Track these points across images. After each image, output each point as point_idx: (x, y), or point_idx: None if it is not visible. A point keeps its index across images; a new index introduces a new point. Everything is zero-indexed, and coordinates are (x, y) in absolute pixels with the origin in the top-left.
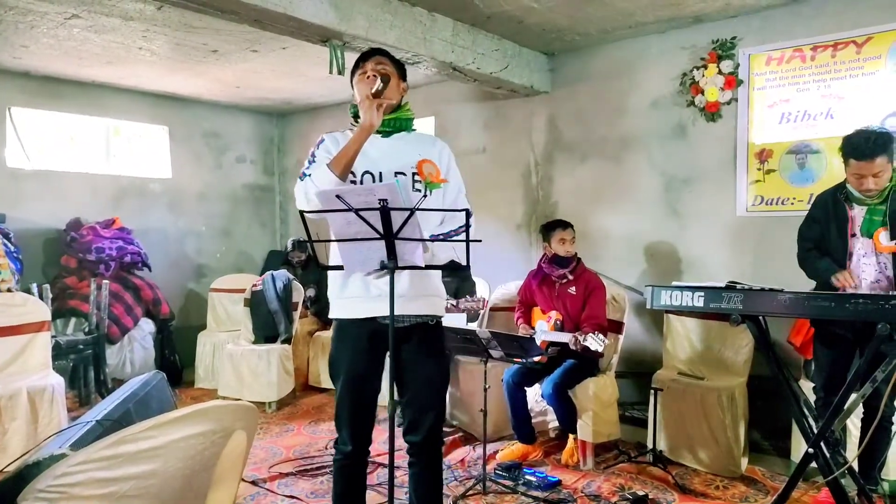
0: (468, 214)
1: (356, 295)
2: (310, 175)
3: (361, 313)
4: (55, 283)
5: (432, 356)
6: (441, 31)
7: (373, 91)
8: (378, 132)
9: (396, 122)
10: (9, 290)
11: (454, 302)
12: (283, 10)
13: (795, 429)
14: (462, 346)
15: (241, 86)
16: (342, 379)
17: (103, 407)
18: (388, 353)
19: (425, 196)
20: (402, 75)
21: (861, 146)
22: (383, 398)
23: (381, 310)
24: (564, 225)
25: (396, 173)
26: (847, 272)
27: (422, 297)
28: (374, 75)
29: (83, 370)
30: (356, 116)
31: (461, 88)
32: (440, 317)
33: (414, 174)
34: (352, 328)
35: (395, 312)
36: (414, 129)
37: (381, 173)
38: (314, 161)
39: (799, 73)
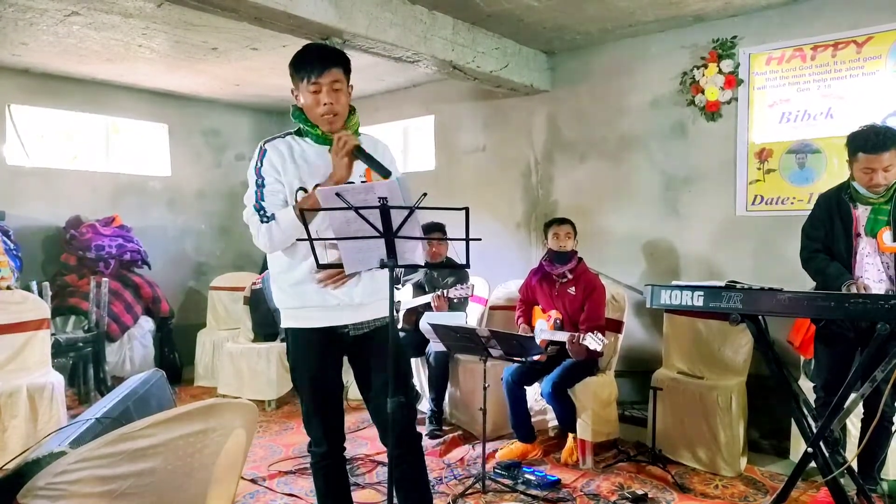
0: (467, 211)
1: (314, 305)
2: (272, 218)
3: (319, 323)
4: (55, 280)
5: (390, 358)
6: (441, 29)
7: (355, 147)
8: (327, 144)
9: None
10: (8, 288)
11: (444, 292)
12: (283, 7)
13: (794, 428)
14: (461, 345)
15: (241, 84)
16: (307, 385)
17: (103, 405)
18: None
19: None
20: (349, 78)
21: (871, 139)
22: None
23: (339, 319)
24: (560, 221)
25: (347, 183)
26: (859, 283)
27: (376, 302)
28: (334, 114)
29: (83, 368)
30: (305, 122)
31: (461, 87)
32: (390, 317)
33: (363, 182)
34: (309, 336)
35: (354, 320)
36: (360, 135)
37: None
38: (264, 185)
39: (799, 73)
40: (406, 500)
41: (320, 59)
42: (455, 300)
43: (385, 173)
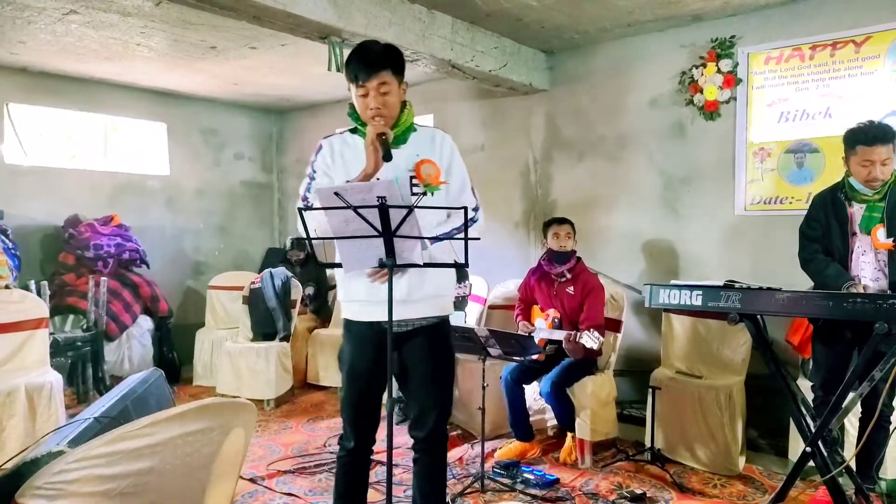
0: (467, 210)
1: (360, 299)
2: (310, 208)
3: (365, 317)
4: (53, 279)
5: (437, 354)
6: (440, 28)
7: (377, 136)
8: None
9: (396, 139)
10: (7, 287)
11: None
12: (282, 6)
13: (793, 427)
14: (461, 344)
15: (240, 83)
16: (346, 375)
17: (101, 404)
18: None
19: (426, 195)
20: (402, 76)
21: (871, 132)
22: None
23: (383, 314)
24: (560, 220)
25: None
26: (859, 286)
27: (424, 299)
28: (381, 116)
29: (81, 367)
30: (357, 121)
31: (460, 86)
32: (446, 316)
33: (412, 178)
34: (357, 328)
35: (398, 317)
36: (416, 128)
37: (377, 180)
38: (314, 178)
39: (798, 73)
40: (421, 494)
41: (368, 62)
42: (455, 299)
43: (387, 157)
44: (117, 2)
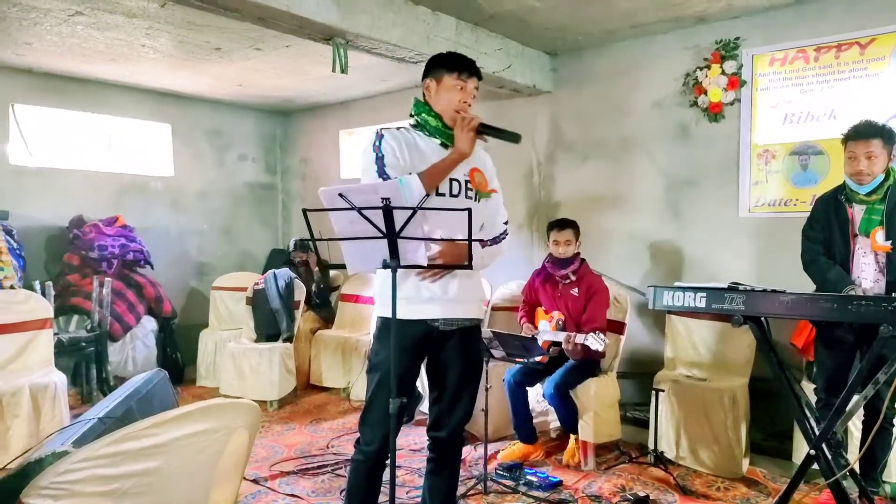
0: (470, 212)
1: (408, 297)
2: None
3: (413, 315)
4: (58, 280)
5: (473, 355)
6: (444, 30)
7: (480, 124)
8: (441, 138)
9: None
10: (11, 287)
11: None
12: (287, 8)
13: (797, 430)
14: None
15: (244, 84)
16: (380, 378)
17: (105, 404)
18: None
19: (476, 201)
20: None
21: (859, 127)
22: None
23: (431, 312)
24: (562, 226)
25: (452, 180)
26: (859, 290)
27: (469, 301)
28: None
29: (85, 368)
30: (428, 113)
31: None
32: (480, 319)
33: (467, 182)
34: (400, 327)
35: (445, 315)
36: None
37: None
38: (384, 159)
39: (802, 74)
40: (432, 493)
41: (471, 66)
42: None
43: (514, 139)
44: (123, 3)
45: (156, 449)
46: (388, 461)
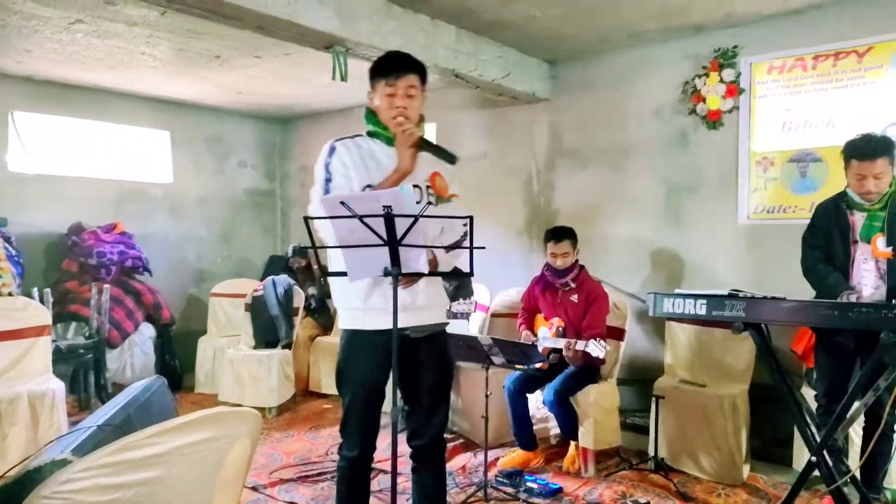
0: (471, 220)
1: (377, 307)
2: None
3: (381, 325)
4: (56, 287)
5: (440, 362)
6: (444, 38)
7: (420, 139)
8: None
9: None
10: (10, 294)
11: (447, 306)
12: (287, 16)
13: (797, 436)
14: (464, 353)
15: (244, 91)
16: (354, 389)
17: (104, 412)
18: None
19: (435, 206)
20: (425, 86)
21: (862, 147)
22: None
23: (402, 321)
24: (558, 237)
25: (414, 185)
26: (855, 294)
27: (435, 307)
28: (406, 118)
29: (83, 375)
30: (376, 124)
31: (463, 95)
32: (446, 324)
33: (428, 187)
34: (368, 338)
35: (415, 323)
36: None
37: (400, 185)
38: (331, 180)
39: (800, 82)
40: (422, 501)
41: (399, 64)
42: (458, 315)
43: (451, 159)
44: (123, 11)
45: (157, 458)
46: (373, 467)
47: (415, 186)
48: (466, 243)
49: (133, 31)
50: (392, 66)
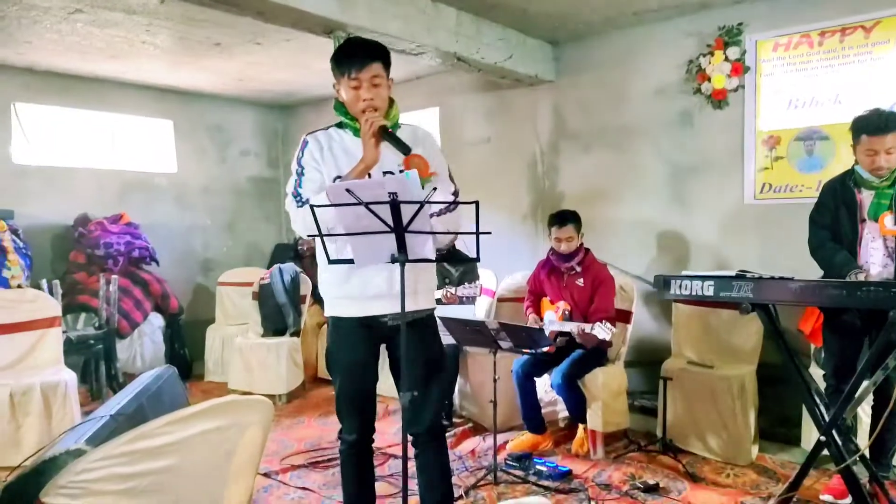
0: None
1: (355, 294)
2: (308, 201)
3: (359, 312)
4: (64, 278)
5: (427, 348)
6: (445, 20)
7: (380, 129)
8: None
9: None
10: (19, 287)
11: (453, 290)
12: (286, 1)
13: (805, 416)
14: (471, 338)
15: (245, 78)
16: (341, 372)
17: (116, 401)
18: (384, 346)
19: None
20: (389, 71)
21: (874, 121)
22: (384, 390)
23: (378, 308)
24: (562, 221)
25: (385, 173)
26: (863, 273)
27: (420, 292)
28: (374, 108)
29: (94, 365)
30: (345, 115)
31: (465, 78)
32: (434, 308)
33: (401, 171)
34: (349, 324)
35: (393, 310)
36: (399, 126)
37: (369, 175)
38: (303, 174)
39: (807, 59)
40: (430, 488)
41: (360, 54)
42: (464, 299)
43: (405, 150)
44: (122, 0)
45: (171, 447)
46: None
47: (386, 173)
48: (451, 213)
49: (133, 19)
50: (353, 59)
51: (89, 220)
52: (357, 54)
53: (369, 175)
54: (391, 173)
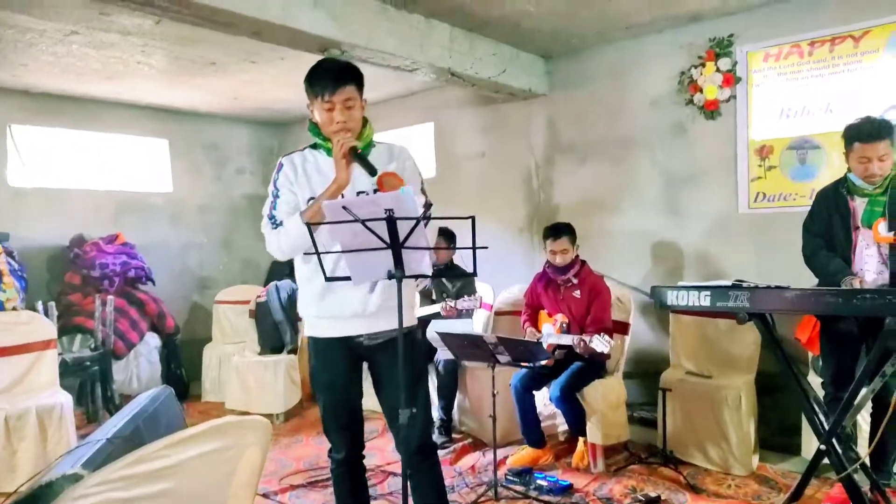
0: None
1: (332, 315)
2: (281, 225)
3: (336, 332)
4: (60, 300)
5: (414, 364)
6: (438, 37)
7: (351, 150)
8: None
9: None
10: (14, 309)
11: (452, 303)
12: (281, 21)
13: (805, 425)
14: (469, 352)
15: (240, 97)
16: (324, 391)
17: (113, 424)
18: (365, 364)
19: None
20: (362, 92)
21: (866, 129)
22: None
23: (355, 329)
24: (556, 234)
25: (359, 193)
26: (857, 279)
27: (391, 312)
28: (347, 130)
29: (90, 387)
30: (319, 136)
31: (459, 93)
32: (412, 326)
33: (375, 190)
34: (326, 344)
35: (368, 330)
36: (374, 144)
37: (342, 196)
38: (278, 196)
39: (797, 69)
40: (429, 501)
41: (333, 77)
42: (464, 311)
43: (372, 172)
44: (117, 21)
45: (169, 470)
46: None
47: (360, 193)
48: (428, 227)
49: (128, 40)
50: (326, 82)
51: (85, 240)
52: (330, 77)
53: (342, 195)
54: (365, 193)
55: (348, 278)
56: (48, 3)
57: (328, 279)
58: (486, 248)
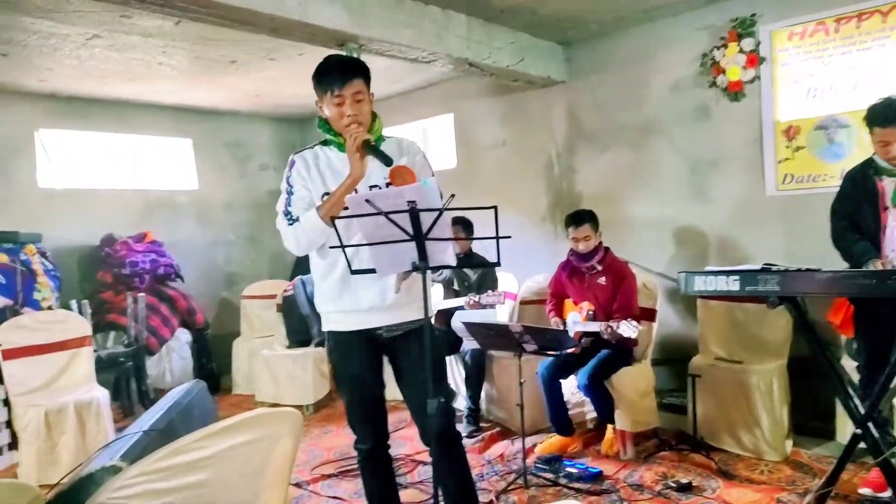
0: (496, 209)
1: (349, 308)
2: (298, 220)
3: (355, 326)
4: (93, 298)
5: (432, 354)
6: (455, 27)
7: (364, 143)
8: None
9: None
10: (49, 308)
11: (476, 297)
12: (299, 17)
13: (839, 409)
14: (495, 341)
15: (261, 94)
16: (347, 384)
17: (148, 417)
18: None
19: None
20: (370, 86)
21: (884, 112)
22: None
23: (374, 321)
24: (578, 221)
25: (371, 187)
26: (882, 261)
27: (412, 303)
28: (358, 124)
29: (125, 382)
30: (329, 132)
31: (478, 83)
32: (429, 317)
33: (388, 184)
34: (347, 338)
35: (387, 322)
36: (384, 139)
37: (356, 190)
38: (292, 193)
39: (823, 47)
40: (450, 497)
41: (341, 71)
42: (487, 307)
43: (387, 162)
44: (138, 23)
45: (205, 461)
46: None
47: (373, 187)
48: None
49: (149, 42)
50: (335, 77)
51: (115, 239)
52: (338, 72)
53: (356, 190)
54: (378, 187)
55: (373, 271)
56: (70, 7)
57: (353, 272)
58: (509, 237)
